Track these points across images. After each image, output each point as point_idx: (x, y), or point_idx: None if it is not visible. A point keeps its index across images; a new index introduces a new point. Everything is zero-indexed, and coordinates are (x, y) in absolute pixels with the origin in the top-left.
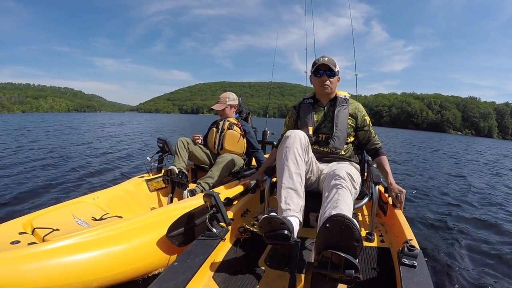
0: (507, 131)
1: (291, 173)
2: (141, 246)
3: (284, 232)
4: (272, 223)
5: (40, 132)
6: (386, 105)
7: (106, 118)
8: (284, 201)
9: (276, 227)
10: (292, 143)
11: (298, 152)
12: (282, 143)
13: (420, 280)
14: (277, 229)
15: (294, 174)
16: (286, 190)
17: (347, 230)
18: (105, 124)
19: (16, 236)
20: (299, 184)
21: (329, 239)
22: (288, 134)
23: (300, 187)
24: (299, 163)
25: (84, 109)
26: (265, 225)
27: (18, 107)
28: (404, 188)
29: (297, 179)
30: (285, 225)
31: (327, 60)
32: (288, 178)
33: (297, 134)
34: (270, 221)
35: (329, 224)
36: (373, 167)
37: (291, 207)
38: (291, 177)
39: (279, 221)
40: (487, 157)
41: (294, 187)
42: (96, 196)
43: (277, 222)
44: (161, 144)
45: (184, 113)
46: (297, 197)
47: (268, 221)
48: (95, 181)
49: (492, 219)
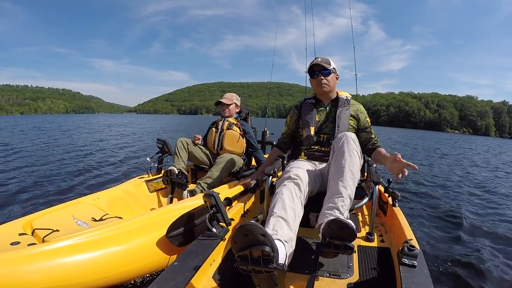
0: (504, 130)
1: (285, 205)
2: (141, 247)
3: (265, 248)
4: (249, 234)
5: (40, 134)
6: (384, 105)
7: (106, 120)
8: (271, 228)
9: (254, 241)
10: (295, 182)
11: (296, 193)
12: (285, 173)
13: (420, 280)
14: (256, 243)
15: (288, 207)
16: (276, 218)
17: (344, 229)
18: (105, 126)
19: (16, 237)
20: (291, 219)
21: (332, 233)
22: (295, 172)
23: (292, 222)
24: (295, 201)
25: (82, 111)
26: (239, 237)
27: (17, 109)
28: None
29: (290, 213)
30: (267, 239)
31: (320, 60)
32: (281, 208)
33: (303, 175)
34: (246, 231)
35: (331, 225)
36: (373, 167)
37: (278, 233)
38: (284, 208)
39: (259, 231)
40: (489, 156)
41: (286, 218)
42: (96, 196)
43: (255, 234)
44: (161, 144)
45: (183, 114)
46: (288, 229)
47: (244, 232)
48: (95, 182)
49: (492, 219)
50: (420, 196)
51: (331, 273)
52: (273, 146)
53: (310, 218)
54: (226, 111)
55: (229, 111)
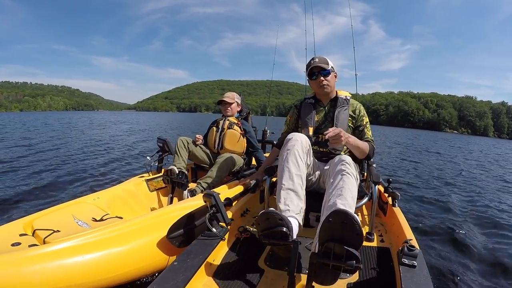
0: (503, 130)
1: (292, 174)
2: (142, 247)
3: (283, 229)
4: (270, 219)
5: (39, 132)
6: (383, 104)
7: (108, 117)
8: (283, 202)
9: (274, 223)
10: (293, 146)
11: (299, 154)
12: (284, 146)
13: (420, 280)
14: (275, 226)
15: (294, 175)
16: (286, 191)
17: (348, 225)
18: (105, 124)
19: (16, 238)
20: (299, 186)
21: (331, 232)
22: (289, 136)
23: (300, 189)
24: (300, 165)
25: (82, 108)
26: (262, 221)
27: (16, 106)
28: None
29: (297, 181)
30: (284, 222)
31: (318, 61)
32: (288, 179)
33: (299, 137)
34: (268, 216)
35: (331, 218)
36: (373, 167)
37: (290, 208)
38: (291, 178)
39: (277, 217)
40: (491, 156)
41: (294, 189)
42: (96, 196)
43: (275, 218)
44: (161, 143)
45: (182, 112)
46: (297, 199)
47: (266, 217)
48: (95, 181)
49: (493, 218)
50: (420, 196)
51: None
52: (273, 145)
53: (310, 218)
54: (228, 110)
55: (231, 110)
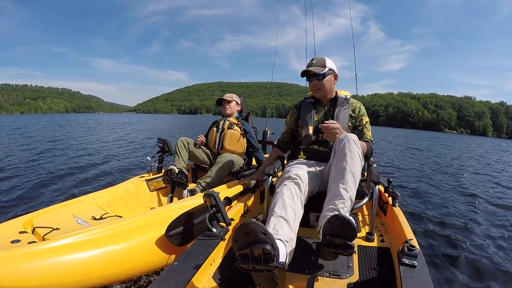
0: (502, 130)
1: (286, 205)
2: (140, 245)
3: (266, 246)
4: (251, 233)
5: (41, 133)
6: (383, 105)
7: (109, 119)
8: (272, 228)
9: (255, 239)
10: (292, 184)
11: (296, 192)
12: (283, 176)
13: (420, 280)
14: (257, 241)
15: (288, 207)
16: (277, 218)
17: (345, 226)
18: (107, 125)
19: (16, 235)
20: (292, 218)
21: (332, 230)
22: (291, 174)
23: (292, 221)
24: (295, 201)
25: (82, 110)
26: (241, 235)
27: (17, 108)
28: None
29: (290, 213)
30: (268, 238)
31: (314, 63)
32: (281, 208)
33: (301, 176)
34: (248, 229)
35: (332, 220)
36: (373, 167)
37: (279, 233)
38: (284, 208)
39: (260, 230)
40: (489, 156)
41: (286, 218)
42: (96, 195)
43: (256, 232)
44: (161, 144)
45: (183, 114)
46: (288, 229)
47: (245, 230)
48: (95, 181)
49: (493, 218)
50: (420, 196)
51: (331, 273)
52: (274, 146)
53: (310, 218)
54: (227, 108)
55: (230, 108)
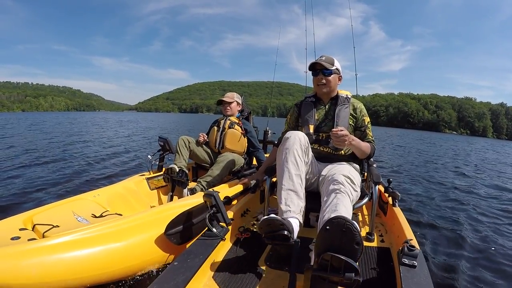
0: (502, 131)
1: (291, 174)
2: (140, 244)
3: (284, 232)
4: (272, 224)
5: (42, 131)
6: (383, 105)
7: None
8: (284, 203)
9: (276, 228)
10: (291, 145)
11: (298, 153)
12: (282, 145)
13: (420, 280)
14: (277, 230)
15: (294, 175)
16: (286, 191)
17: (347, 233)
18: (109, 123)
19: (16, 232)
20: (299, 186)
21: (329, 242)
22: (287, 135)
23: (300, 189)
24: (299, 165)
25: (83, 108)
26: (264, 226)
27: (18, 106)
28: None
29: (297, 181)
30: (285, 226)
31: (324, 59)
32: (288, 179)
33: (297, 135)
34: (269, 222)
35: (329, 226)
36: (373, 167)
37: (291, 209)
38: (291, 178)
39: (278, 222)
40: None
41: (294, 189)
42: (96, 193)
43: (276, 224)
44: (162, 142)
45: (184, 112)
46: (297, 199)
47: (267, 223)
48: (96, 179)
49: (493, 218)
50: (420, 196)
51: None
52: (274, 145)
53: (310, 218)
54: (228, 109)
55: (231, 109)
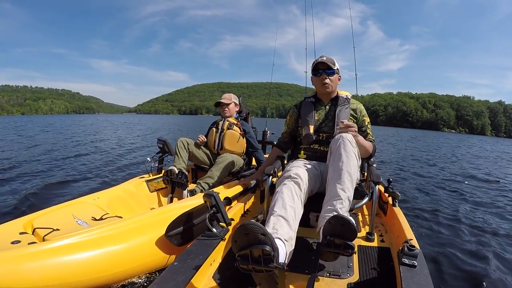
0: (500, 129)
1: (285, 204)
2: (140, 246)
3: (265, 247)
4: (250, 234)
5: (41, 134)
6: (382, 105)
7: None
8: (271, 227)
9: (255, 240)
10: (292, 183)
11: (296, 192)
12: (283, 175)
13: (420, 280)
14: (256, 242)
15: (288, 206)
16: (277, 217)
17: (346, 226)
18: (113, 125)
19: (16, 236)
20: (291, 217)
21: (332, 230)
22: (292, 173)
23: (292, 220)
24: (295, 200)
25: (83, 111)
26: (240, 236)
27: (17, 109)
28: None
29: (290, 212)
30: (267, 238)
31: (326, 59)
32: (281, 207)
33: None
34: (247, 230)
35: (332, 221)
36: (373, 167)
37: (278, 232)
38: (284, 207)
39: (259, 231)
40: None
41: (286, 217)
42: (96, 196)
43: (256, 233)
44: (161, 144)
45: (183, 114)
46: (288, 228)
47: (245, 231)
48: (96, 182)
49: (493, 218)
50: (420, 196)
51: (331, 273)
52: (274, 146)
53: (310, 218)
54: (226, 111)
55: (229, 111)
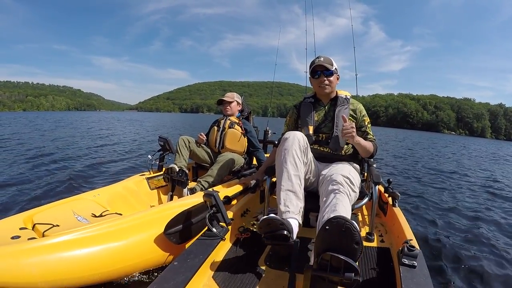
0: (500, 131)
1: (290, 175)
2: (139, 243)
3: (283, 232)
4: (271, 224)
5: (42, 130)
6: (383, 106)
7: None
8: (283, 203)
9: (275, 228)
10: (290, 145)
11: (296, 154)
12: (281, 145)
13: (420, 280)
14: (276, 230)
15: (293, 176)
16: (285, 192)
17: (347, 233)
18: (114, 123)
19: (16, 231)
20: (298, 186)
21: (328, 242)
22: (286, 135)
23: (299, 189)
24: (297, 165)
25: (84, 108)
26: (264, 226)
27: (19, 106)
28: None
29: (296, 181)
30: (285, 226)
31: (323, 60)
32: (287, 180)
33: (296, 135)
34: (269, 222)
35: (328, 226)
36: (373, 167)
37: (290, 209)
38: (290, 179)
39: (278, 222)
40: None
41: (293, 189)
42: (96, 193)
43: (276, 223)
44: (162, 142)
45: (184, 112)
46: (296, 199)
47: (267, 223)
48: (96, 178)
49: (493, 218)
50: (420, 196)
51: None
52: (274, 145)
53: (310, 218)
54: (228, 109)
55: (231, 109)
